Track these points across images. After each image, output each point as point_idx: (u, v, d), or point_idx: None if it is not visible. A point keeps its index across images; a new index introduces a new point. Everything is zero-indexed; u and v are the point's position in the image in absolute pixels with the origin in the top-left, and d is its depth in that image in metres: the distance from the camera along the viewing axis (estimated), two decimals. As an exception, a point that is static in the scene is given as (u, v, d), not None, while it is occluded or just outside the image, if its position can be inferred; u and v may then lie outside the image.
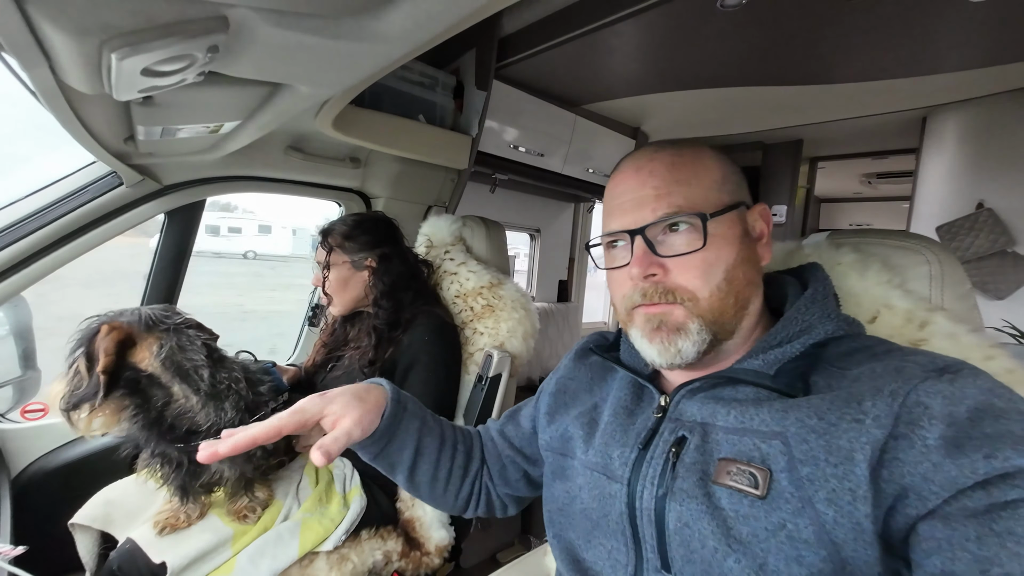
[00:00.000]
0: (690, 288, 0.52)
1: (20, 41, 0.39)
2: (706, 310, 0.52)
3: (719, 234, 0.52)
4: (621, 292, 0.57)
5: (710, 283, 0.52)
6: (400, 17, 0.47)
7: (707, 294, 0.52)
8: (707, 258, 0.51)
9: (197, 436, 0.83)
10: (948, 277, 0.60)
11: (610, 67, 1.78)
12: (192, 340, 0.83)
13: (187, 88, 0.63)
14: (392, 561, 1.05)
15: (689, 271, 0.52)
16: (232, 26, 0.45)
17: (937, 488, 0.37)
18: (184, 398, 0.82)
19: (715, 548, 0.45)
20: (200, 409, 0.83)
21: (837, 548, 0.41)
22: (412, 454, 0.69)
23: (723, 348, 0.54)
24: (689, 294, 0.52)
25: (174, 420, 0.82)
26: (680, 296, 0.52)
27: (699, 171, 0.54)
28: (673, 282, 0.52)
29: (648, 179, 0.54)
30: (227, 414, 0.84)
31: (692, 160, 0.54)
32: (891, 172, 3.61)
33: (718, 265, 0.52)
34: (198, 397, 0.82)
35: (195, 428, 0.83)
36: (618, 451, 0.57)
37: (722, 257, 0.52)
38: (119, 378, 0.79)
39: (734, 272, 0.52)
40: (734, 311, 0.53)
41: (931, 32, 1.49)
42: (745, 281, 0.53)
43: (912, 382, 0.41)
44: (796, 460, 0.43)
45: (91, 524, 0.93)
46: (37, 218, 1.07)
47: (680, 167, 0.54)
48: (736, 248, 0.53)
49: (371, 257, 1.16)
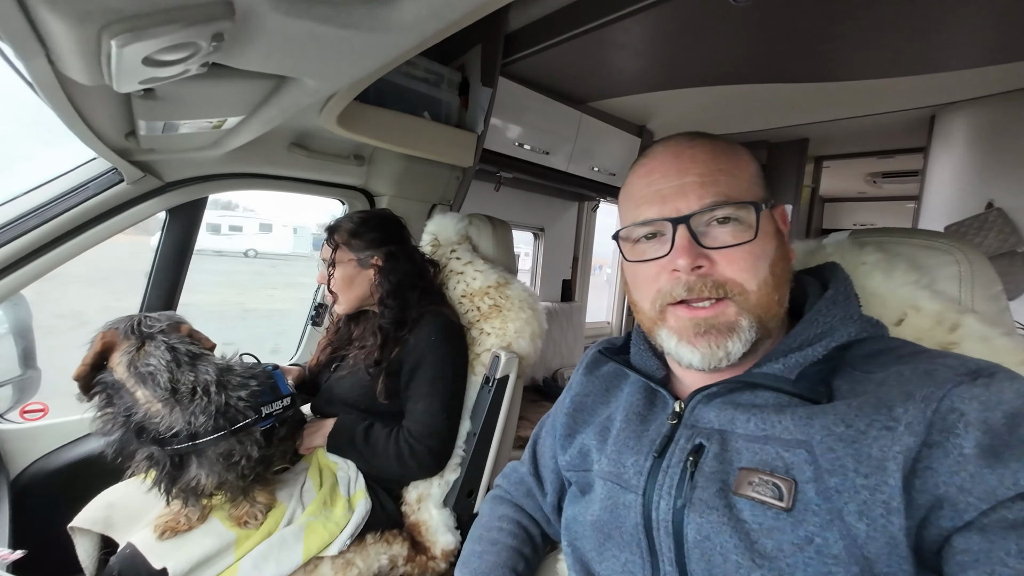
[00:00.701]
0: (739, 281, 0.48)
1: (16, 29, 0.37)
2: (755, 305, 0.49)
3: (763, 228, 0.50)
4: (655, 287, 0.52)
5: (758, 277, 0.48)
6: (414, 4, 0.45)
7: (755, 287, 0.48)
8: (755, 251, 0.49)
9: (172, 440, 0.83)
10: (979, 278, 0.58)
11: (616, 64, 1.76)
12: (158, 345, 0.83)
13: (189, 81, 0.60)
14: (398, 566, 1.03)
15: (737, 263, 0.48)
16: (238, 13, 0.43)
17: (975, 500, 0.36)
18: (148, 402, 0.82)
19: (738, 563, 0.43)
20: (168, 413, 0.82)
21: (870, 564, 0.39)
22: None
23: (762, 347, 0.52)
24: (739, 288, 0.48)
25: (144, 423, 0.82)
26: (731, 290, 0.48)
27: (740, 163, 0.52)
28: (722, 275, 0.49)
29: (691, 165, 0.51)
30: (198, 418, 0.82)
31: (731, 151, 0.52)
32: (897, 171, 3.59)
33: (764, 259, 0.49)
34: (161, 401, 0.82)
35: (167, 431, 0.82)
36: (632, 459, 0.54)
37: (767, 251, 0.50)
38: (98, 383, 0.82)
39: (775, 267, 0.50)
40: (777, 307, 0.50)
41: (940, 29, 1.46)
42: (784, 278, 0.52)
43: (945, 386, 0.40)
44: (823, 470, 0.41)
45: (91, 527, 0.91)
46: (37, 215, 1.05)
47: (722, 156, 0.51)
48: (775, 243, 0.51)
49: (377, 255, 1.14)
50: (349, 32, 0.50)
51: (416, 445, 1.03)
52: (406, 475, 1.09)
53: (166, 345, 0.83)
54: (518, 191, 2.59)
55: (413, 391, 1.07)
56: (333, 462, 1.08)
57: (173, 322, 0.88)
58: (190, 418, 0.82)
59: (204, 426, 0.83)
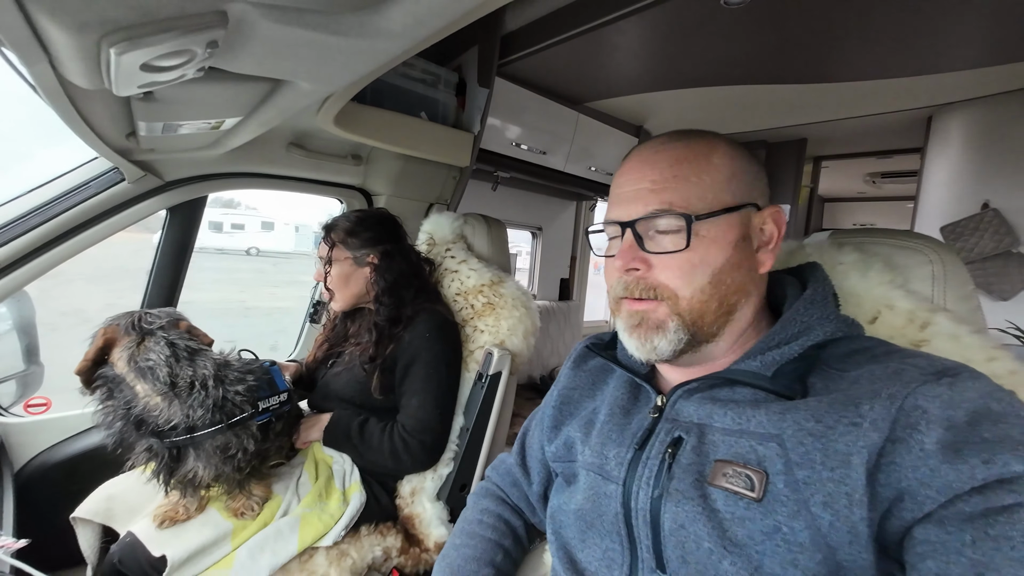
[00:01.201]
0: (671, 287, 0.52)
1: (19, 37, 0.39)
2: (685, 310, 0.51)
3: (709, 237, 0.51)
4: (610, 282, 0.57)
5: (693, 284, 0.51)
6: (400, 13, 0.47)
7: (688, 294, 0.51)
8: (691, 259, 0.51)
9: (171, 432, 0.85)
10: (951, 277, 0.59)
11: (613, 65, 1.77)
12: (157, 341, 0.85)
13: (187, 84, 0.63)
14: (391, 557, 1.05)
15: (671, 270, 0.51)
16: (231, 21, 0.45)
17: (934, 493, 0.37)
18: (147, 396, 0.84)
19: (710, 550, 0.45)
20: (167, 407, 0.84)
21: (833, 551, 0.40)
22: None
23: (705, 349, 0.54)
24: (670, 292, 0.52)
25: (143, 416, 0.84)
26: (661, 293, 0.52)
27: (704, 168, 0.52)
28: (655, 279, 0.52)
29: (648, 172, 0.53)
30: (195, 411, 0.85)
31: (699, 156, 0.53)
32: (896, 172, 3.59)
33: (703, 268, 0.51)
34: (160, 395, 0.84)
35: (166, 424, 0.85)
36: (614, 451, 0.56)
37: (708, 260, 0.51)
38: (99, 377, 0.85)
39: (721, 276, 0.51)
40: (716, 315, 0.52)
41: (936, 31, 1.48)
42: (734, 287, 0.52)
43: (911, 385, 0.41)
44: (792, 463, 0.43)
45: (92, 518, 0.94)
46: (39, 214, 1.07)
47: (684, 162, 0.52)
48: (727, 253, 0.51)
49: (373, 254, 1.16)
50: (339, 38, 0.52)
51: (410, 440, 1.05)
52: (400, 469, 1.11)
53: (165, 341, 0.86)
54: (516, 190, 2.61)
55: (407, 387, 1.09)
56: (329, 455, 1.10)
57: (172, 318, 0.91)
58: (188, 411, 0.84)
59: (201, 419, 0.85)
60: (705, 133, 0.55)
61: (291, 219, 14.58)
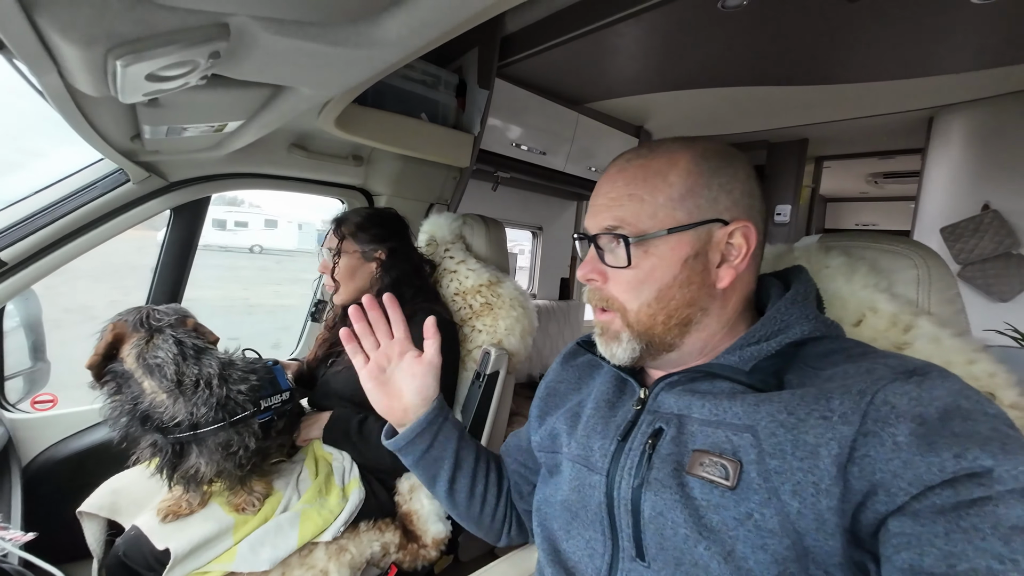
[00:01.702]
0: (620, 300, 0.55)
1: (30, 49, 0.41)
2: (634, 323, 0.54)
3: (656, 255, 0.52)
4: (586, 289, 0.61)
5: (639, 299, 0.54)
6: (396, 24, 0.49)
7: (635, 308, 0.54)
8: (637, 275, 0.53)
9: (174, 429, 0.87)
10: (936, 282, 0.61)
11: (612, 66, 1.78)
12: (166, 339, 0.87)
13: (191, 90, 0.64)
14: (390, 553, 1.07)
15: (620, 284, 0.55)
16: (233, 33, 0.47)
17: (906, 484, 0.39)
18: (153, 392, 0.86)
19: (686, 535, 0.47)
20: (171, 404, 0.87)
21: (800, 537, 0.42)
22: (452, 464, 0.72)
23: (668, 357, 0.56)
24: (619, 305, 0.55)
25: (148, 412, 0.86)
26: (612, 305, 0.56)
27: (657, 185, 0.53)
28: (608, 291, 0.56)
29: (609, 188, 0.55)
30: (199, 409, 0.87)
31: (657, 172, 0.53)
32: (898, 172, 3.59)
33: (648, 284, 0.53)
34: (166, 392, 0.86)
35: (170, 420, 0.87)
36: (599, 443, 0.58)
37: (654, 278, 0.53)
38: (109, 372, 0.87)
39: (667, 293, 0.53)
40: (665, 328, 0.54)
41: (937, 34, 1.48)
42: (683, 302, 0.53)
43: (880, 382, 0.43)
44: (765, 453, 0.45)
45: (98, 512, 0.96)
46: (47, 213, 1.09)
47: (639, 181, 0.53)
48: (674, 271, 0.52)
49: (381, 250, 1.19)
50: (337, 48, 0.53)
51: None
52: (398, 465, 1.12)
53: (174, 339, 0.87)
54: (517, 190, 2.62)
55: None
56: (328, 452, 1.12)
57: (180, 316, 0.92)
58: (192, 409, 0.86)
59: (205, 417, 0.87)
60: (673, 146, 0.55)
61: (294, 217, 14.63)
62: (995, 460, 0.37)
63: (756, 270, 0.58)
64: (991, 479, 0.36)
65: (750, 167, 0.57)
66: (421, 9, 0.46)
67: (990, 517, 0.35)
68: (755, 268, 0.58)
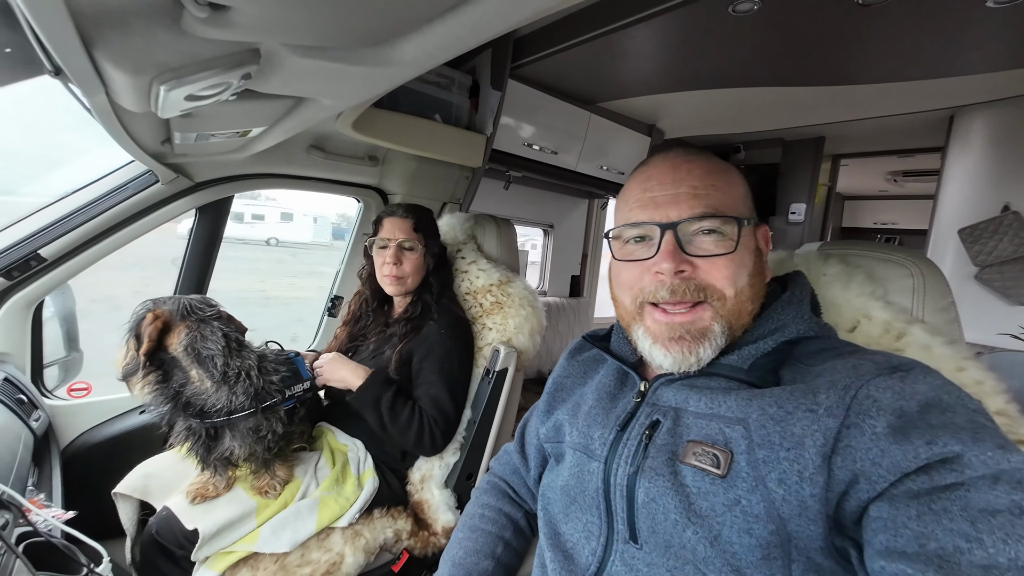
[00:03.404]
0: (719, 287, 0.53)
1: (85, 75, 0.45)
2: (730, 311, 0.54)
3: (743, 243, 0.54)
4: (638, 286, 0.57)
5: (736, 285, 0.54)
6: (412, 47, 0.52)
7: (733, 294, 0.54)
8: (736, 261, 0.53)
9: (212, 415, 0.94)
10: (930, 291, 0.62)
11: (624, 67, 1.79)
12: (214, 331, 0.93)
13: (221, 103, 0.69)
14: (402, 539, 1.12)
15: (719, 270, 0.53)
16: (263, 57, 0.51)
17: (884, 472, 0.41)
18: (199, 381, 0.93)
19: (676, 520, 0.50)
20: (214, 392, 0.93)
21: (784, 523, 0.45)
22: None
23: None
24: (719, 293, 0.53)
25: (190, 398, 0.93)
26: (710, 295, 0.53)
27: (731, 181, 0.57)
28: (704, 280, 0.53)
29: (686, 177, 0.55)
30: (238, 398, 0.94)
31: (724, 171, 0.57)
32: (918, 170, 3.52)
33: (743, 270, 0.54)
34: (212, 381, 0.93)
35: (211, 407, 0.94)
36: (599, 432, 0.62)
37: (746, 264, 0.55)
38: (155, 359, 0.92)
39: (752, 280, 0.55)
40: (747, 317, 0.56)
41: (955, 35, 1.46)
42: (759, 292, 0.57)
43: (864, 378, 0.45)
44: (754, 443, 0.48)
45: (131, 494, 1.02)
46: (83, 212, 1.16)
47: (716, 174, 0.56)
48: (754, 259, 0.56)
49: (435, 247, 1.26)
50: (357, 67, 0.57)
51: (432, 424, 1.12)
52: (416, 449, 1.15)
53: (221, 332, 0.94)
54: (528, 188, 2.64)
55: (423, 379, 1.15)
56: (343, 444, 1.18)
57: (217, 308, 0.99)
58: (231, 397, 0.93)
59: (241, 405, 0.94)
60: (718, 160, 0.59)
61: (309, 210, 14.80)
62: (964, 446, 0.39)
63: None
64: (961, 464, 0.39)
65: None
66: (438, 35, 0.49)
67: (960, 500, 0.38)
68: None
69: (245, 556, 0.93)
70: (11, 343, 1.17)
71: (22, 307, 1.17)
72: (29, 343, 1.21)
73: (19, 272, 1.12)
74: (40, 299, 1.21)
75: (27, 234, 1.11)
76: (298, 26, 0.46)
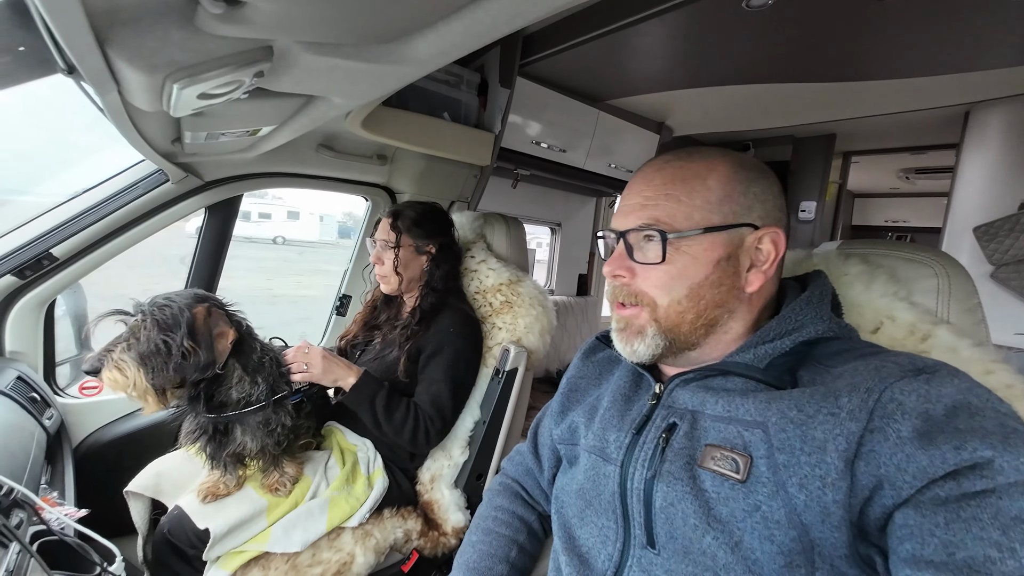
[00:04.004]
0: (650, 295, 0.56)
1: (99, 74, 0.45)
2: (662, 318, 0.56)
3: (690, 253, 0.54)
4: (607, 285, 0.63)
5: (670, 295, 0.55)
6: (426, 44, 0.51)
7: (665, 303, 0.56)
8: (670, 272, 0.55)
9: (230, 407, 0.95)
10: (956, 291, 0.61)
11: (634, 64, 1.77)
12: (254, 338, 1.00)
13: (232, 101, 0.68)
14: (412, 539, 1.12)
15: (651, 279, 0.56)
16: (276, 54, 0.50)
17: (910, 478, 0.40)
18: (240, 380, 0.96)
19: (695, 525, 0.49)
20: (236, 382, 0.95)
21: (806, 529, 0.44)
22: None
23: (688, 355, 0.58)
24: (649, 300, 0.57)
25: (214, 391, 0.94)
26: (642, 300, 0.57)
27: (696, 188, 0.55)
28: (638, 287, 0.57)
29: (644, 188, 0.57)
30: (258, 387, 0.96)
31: (696, 175, 0.55)
32: (932, 168, 3.46)
33: (680, 281, 0.55)
34: (243, 371, 0.95)
35: (230, 399, 0.95)
36: (614, 435, 0.61)
37: (686, 275, 0.55)
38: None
39: (699, 292, 0.55)
40: (692, 327, 0.56)
41: (972, 29, 1.43)
42: (713, 303, 0.55)
43: (888, 380, 0.44)
44: (774, 448, 0.47)
45: (143, 492, 1.03)
46: (93, 212, 1.16)
47: (676, 182, 0.56)
48: (707, 270, 0.54)
49: (432, 244, 1.24)
50: (370, 64, 0.56)
51: (427, 420, 1.12)
52: (410, 446, 1.14)
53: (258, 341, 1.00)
54: (536, 186, 2.63)
55: (427, 375, 1.15)
56: (353, 444, 1.17)
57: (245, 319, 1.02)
58: (252, 388, 0.95)
59: (257, 397, 0.96)
60: (711, 154, 0.57)
61: (316, 209, 14.87)
62: (995, 451, 0.38)
63: (779, 277, 0.60)
64: (992, 470, 0.37)
65: (778, 182, 0.59)
66: (452, 32, 0.48)
67: (991, 508, 0.36)
68: (779, 275, 0.60)
69: (256, 555, 0.94)
70: (24, 342, 1.18)
71: (35, 306, 1.17)
72: (42, 342, 1.22)
73: (32, 271, 1.12)
74: (52, 298, 1.21)
75: (39, 233, 1.12)
76: (312, 22, 0.45)
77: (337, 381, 1.10)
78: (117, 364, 0.83)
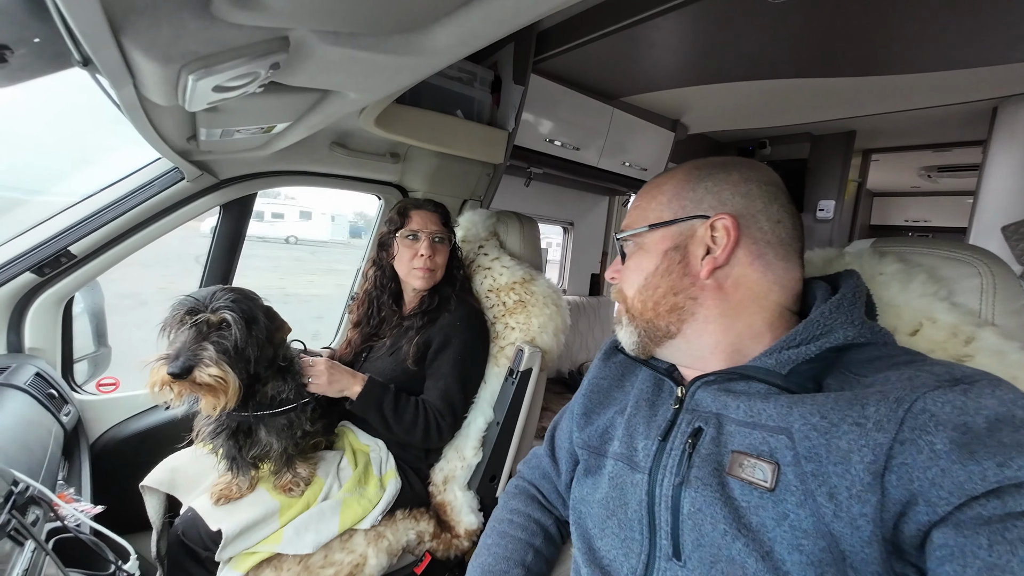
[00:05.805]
0: (623, 290, 0.64)
1: (114, 66, 0.44)
2: (631, 307, 0.62)
3: (644, 248, 0.61)
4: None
5: (632, 287, 0.62)
6: (445, 34, 0.50)
7: (631, 294, 0.62)
8: (630, 266, 0.63)
9: (262, 407, 0.96)
10: (1001, 291, 0.57)
11: (649, 60, 1.74)
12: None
13: (247, 96, 0.67)
14: (424, 541, 1.11)
15: (623, 276, 0.64)
16: (292, 45, 0.49)
17: (946, 494, 0.38)
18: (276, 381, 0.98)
19: (725, 531, 0.47)
20: (272, 379, 0.97)
21: (836, 540, 0.42)
22: None
23: (676, 345, 0.60)
24: (622, 295, 0.64)
25: (256, 388, 0.95)
26: (620, 296, 0.65)
27: (653, 195, 0.62)
28: (619, 284, 0.65)
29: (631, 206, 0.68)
30: (288, 385, 0.98)
31: (656, 185, 0.63)
32: (955, 165, 3.36)
33: (637, 273, 0.61)
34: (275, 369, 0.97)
35: (262, 399, 0.96)
36: (642, 443, 0.59)
37: (641, 268, 0.61)
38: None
39: (652, 281, 0.60)
40: (655, 314, 0.60)
41: (1000, 21, 1.37)
42: (667, 290, 0.58)
43: (920, 390, 0.41)
44: (800, 456, 0.45)
45: (158, 487, 1.03)
46: (110, 210, 1.17)
47: (644, 194, 0.64)
48: (656, 261, 0.60)
49: (455, 240, 1.28)
50: (387, 56, 0.55)
51: (438, 416, 1.12)
52: (423, 444, 1.15)
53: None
54: (548, 185, 2.60)
55: (436, 370, 1.14)
56: (365, 445, 1.16)
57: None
58: (284, 387, 0.97)
59: (287, 395, 0.97)
60: (682, 165, 0.63)
61: (328, 209, 15.00)
62: None
63: (764, 267, 0.56)
64: None
65: (754, 173, 0.58)
66: (472, 20, 0.46)
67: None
68: (760, 264, 0.56)
69: (268, 557, 0.93)
70: (43, 338, 1.19)
71: (53, 303, 1.18)
72: (60, 338, 1.23)
73: (50, 268, 1.13)
74: (70, 295, 1.22)
75: (57, 231, 1.13)
76: (329, 11, 0.44)
77: (343, 391, 1.10)
78: (216, 362, 0.80)
